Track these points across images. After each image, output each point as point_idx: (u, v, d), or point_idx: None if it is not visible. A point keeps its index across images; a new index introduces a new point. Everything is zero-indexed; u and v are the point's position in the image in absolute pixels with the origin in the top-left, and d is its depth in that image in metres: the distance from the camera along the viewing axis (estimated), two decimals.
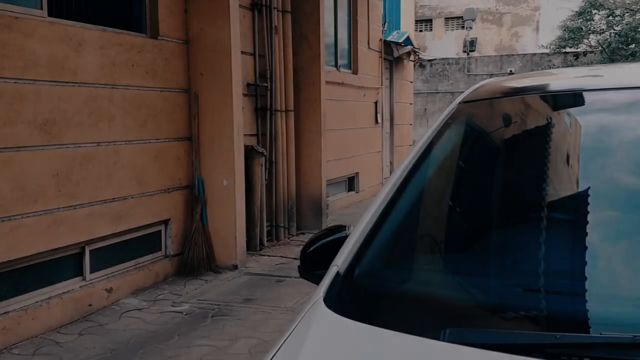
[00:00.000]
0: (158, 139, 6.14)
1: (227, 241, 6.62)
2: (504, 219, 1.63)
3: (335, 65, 10.51)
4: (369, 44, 11.87)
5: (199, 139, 6.56)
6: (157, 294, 5.89)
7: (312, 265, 1.77)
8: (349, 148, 10.94)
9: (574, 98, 1.93)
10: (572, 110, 1.91)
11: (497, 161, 1.86)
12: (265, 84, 7.61)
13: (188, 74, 6.54)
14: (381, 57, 12.65)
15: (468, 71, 21.68)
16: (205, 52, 6.49)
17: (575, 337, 1.15)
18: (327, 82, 9.18)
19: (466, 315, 1.33)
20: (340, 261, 1.54)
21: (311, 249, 1.81)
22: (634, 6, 19.44)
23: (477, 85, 2.19)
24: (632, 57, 18.46)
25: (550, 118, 1.93)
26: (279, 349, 1.28)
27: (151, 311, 5.42)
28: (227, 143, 6.51)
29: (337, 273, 1.51)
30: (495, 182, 1.79)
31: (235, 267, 6.62)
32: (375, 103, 12.26)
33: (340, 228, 1.85)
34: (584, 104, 1.90)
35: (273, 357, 1.27)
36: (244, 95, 7.15)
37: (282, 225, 7.97)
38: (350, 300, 1.46)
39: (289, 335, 1.32)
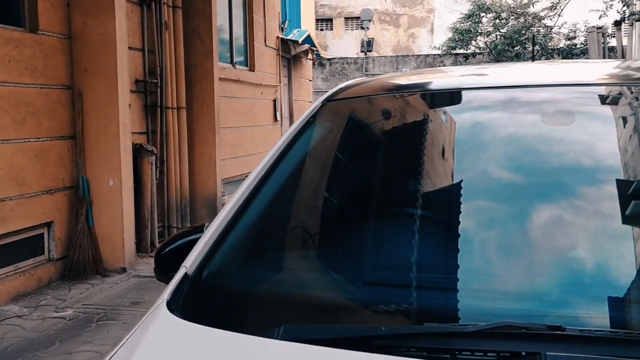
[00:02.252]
0: (39, 138, 5.86)
1: (114, 243, 6.41)
2: (357, 215, 1.67)
3: (231, 62, 10.41)
4: (265, 41, 11.84)
5: (84, 138, 6.31)
6: (40, 299, 5.62)
7: (169, 266, 1.73)
8: (247, 146, 10.88)
9: (442, 96, 2.01)
10: (440, 107, 1.98)
11: (360, 158, 1.89)
12: (155, 81, 7.42)
13: (71, 70, 6.27)
14: (279, 54, 12.66)
15: (366, 70, 22.13)
16: (90, 48, 6.24)
17: (399, 329, 1.19)
18: (222, 79, 9.08)
19: (305, 312, 1.35)
20: (189, 262, 1.52)
21: (166, 250, 1.77)
22: (518, 10, 20.57)
23: (343, 85, 2.24)
24: (516, 58, 19.50)
25: (417, 116, 1.99)
26: (112, 355, 1.25)
27: (32, 318, 5.17)
28: (112, 141, 6.30)
29: (185, 274, 1.48)
30: (355, 179, 1.84)
31: (124, 269, 6.43)
32: (274, 101, 12.26)
33: (199, 227, 1.83)
34: (451, 103, 1.97)
35: None
36: (132, 92, 6.94)
37: (174, 225, 7.81)
38: (196, 302, 1.43)
39: (125, 341, 1.29)
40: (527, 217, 1.48)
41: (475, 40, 20.95)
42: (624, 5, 13.96)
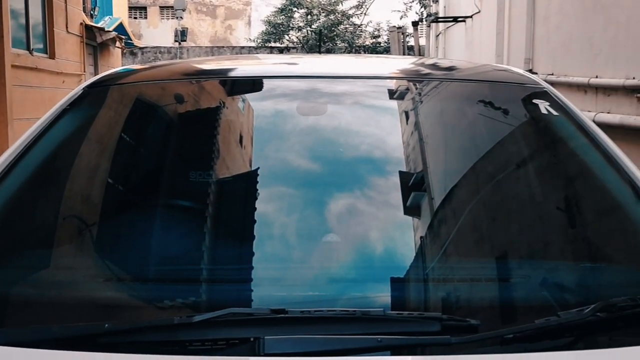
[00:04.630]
0: None
1: None
2: (105, 206, 1.60)
3: (28, 49, 9.61)
4: (67, 27, 11.10)
5: None
6: None
7: None
8: None
9: (225, 84, 1.98)
10: (222, 95, 1.95)
11: (132, 146, 1.82)
12: None
13: None
14: (82, 42, 11.94)
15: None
16: None
17: (124, 324, 1.16)
18: (16, 67, 8.36)
19: (36, 312, 1.26)
20: None
21: None
22: (329, 7, 21.42)
23: (111, 71, 2.16)
24: (328, 53, 20.35)
25: (196, 103, 1.95)
26: None
27: None
28: None
29: None
30: (116, 169, 1.75)
31: None
32: None
33: None
34: (239, 91, 1.96)
35: None
36: None
37: None
38: None
39: None
40: (291, 206, 1.53)
41: (289, 35, 21.47)
42: (421, 7, 15.10)
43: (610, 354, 1.16)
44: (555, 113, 1.76)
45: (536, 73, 7.92)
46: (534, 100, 1.81)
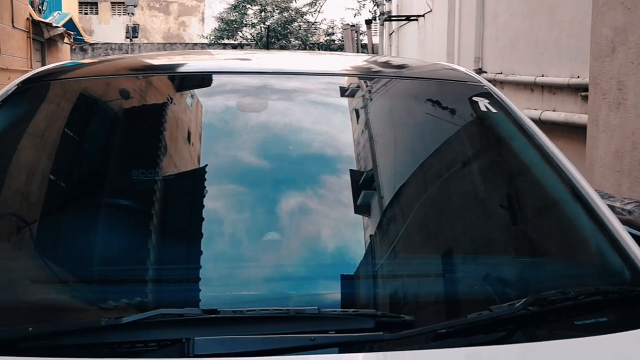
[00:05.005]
0: None
1: None
2: (39, 207, 1.55)
3: None
4: (13, 22, 10.79)
5: None
6: None
7: None
8: None
9: (171, 80, 1.93)
10: (165, 90, 1.91)
11: (59, 144, 1.76)
12: None
13: None
14: (29, 37, 11.62)
15: None
16: None
17: (48, 327, 1.13)
18: None
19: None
20: None
21: None
22: (282, 4, 21.37)
23: (49, 66, 2.10)
24: (282, 50, 20.31)
25: (138, 99, 1.90)
26: None
27: None
28: None
29: None
30: (48, 168, 1.69)
31: None
32: None
33: None
34: (184, 87, 1.91)
35: None
36: None
37: None
38: None
39: None
40: (227, 205, 1.50)
41: (242, 32, 21.34)
42: (375, 5, 15.19)
43: (542, 347, 1.18)
44: (494, 110, 1.78)
45: (485, 72, 8.07)
46: (474, 98, 1.83)
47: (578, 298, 1.24)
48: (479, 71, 8.14)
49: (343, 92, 1.93)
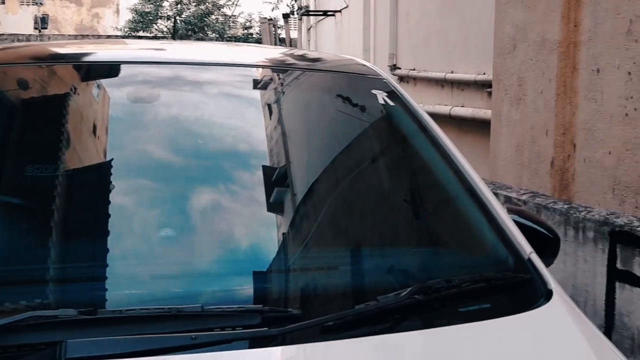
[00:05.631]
0: None
1: None
2: None
3: None
4: None
5: None
6: None
7: None
8: None
9: (73, 70, 1.84)
10: (62, 81, 1.82)
11: None
12: None
13: None
14: None
15: None
16: None
17: None
18: None
19: None
20: None
21: None
22: None
23: None
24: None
25: (37, 89, 1.80)
26: None
27: None
28: None
29: None
30: None
31: None
32: None
33: None
34: (83, 77, 1.83)
35: None
36: None
37: None
38: None
39: None
40: (111, 200, 1.45)
41: (157, 24, 20.83)
42: (292, 0, 15.18)
43: (427, 334, 1.20)
44: (391, 103, 1.80)
45: (400, 68, 8.23)
46: (374, 91, 1.85)
47: (462, 286, 1.27)
48: (394, 67, 8.28)
49: (241, 81, 1.91)
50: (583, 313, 1.36)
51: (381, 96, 1.82)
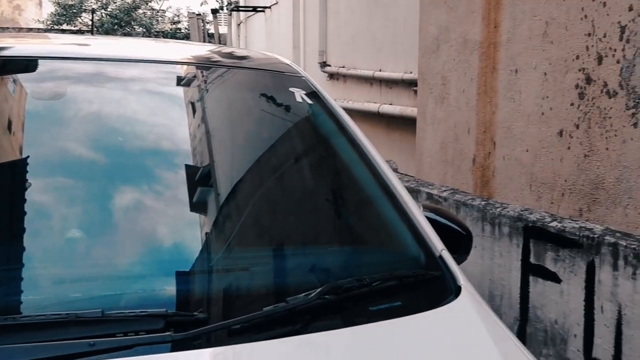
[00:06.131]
0: None
1: None
2: None
3: None
4: None
5: None
6: None
7: None
8: None
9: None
10: None
11: None
12: None
13: None
14: None
15: None
16: None
17: None
18: None
19: None
20: None
21: None
22: None
23: None
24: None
25: None
26: None
27: None
28: None
29: None
30: None
31: None
32: None
33: None
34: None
35: None
36: None
37: None
38: None
39: None
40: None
41: (81, 17, 20.15)
42: None
43: (337, 335, 1.19)
44: (309, 101, 1.79)
45: (330, 65, 8.25)
46: (291, 89, 1.83)
47: (373, 284, 1.27)
48: (324, 64, 8.30)
49: (159, 78, 1.87)
50: (500, 306, 1.40)
51: (299, 94, 1.81)
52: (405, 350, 1.17)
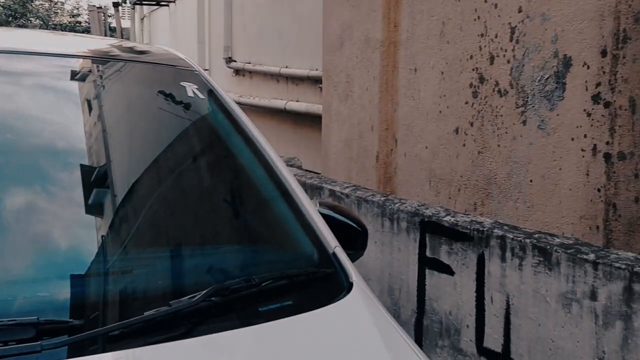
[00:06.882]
0: None
1: None
2: None
3: None
4: None
5: None
6: None
7: None
8: None
9: None
10: None
11: None
12: None
13: None
14: None
15: None
16: None
17: None
18: None
19: None
20: None
21: None
22: None
23: None
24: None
25: None
26: None
27: None
28: None
29: None
30: None
31: None
32: None
33: None
34: None
35: None
36: None
37: None
38: None
39: None
40: None
41: None
42: None
43: (223, 338, 1.15)
44: (201, 96, 1.75)
45: (235, 60, 8.16)
46: (183, 83, 1.78)
47: (262, 284, 1.24)
48: (229, 60, 8.20)
49: (50, 72, 1.77)
50: (398, 300, 1.40)
51: (191, 89, 1.76)
52: (293, 349, 1.15)
